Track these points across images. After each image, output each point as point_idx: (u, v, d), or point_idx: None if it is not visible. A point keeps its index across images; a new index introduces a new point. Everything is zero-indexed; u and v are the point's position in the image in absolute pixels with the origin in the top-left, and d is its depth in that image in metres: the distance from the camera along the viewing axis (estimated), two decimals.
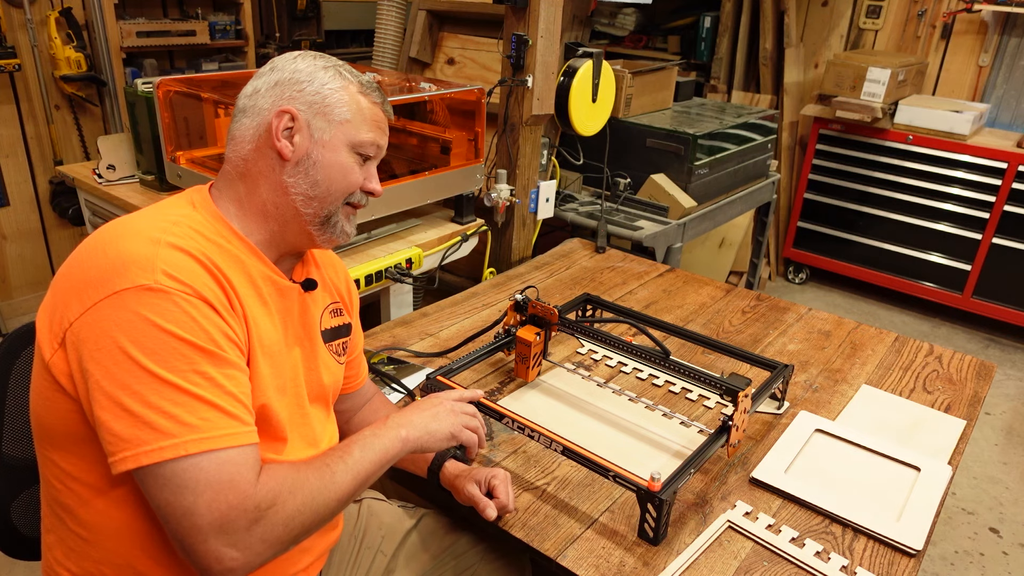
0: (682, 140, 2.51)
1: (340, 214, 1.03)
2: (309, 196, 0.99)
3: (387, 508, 1.27)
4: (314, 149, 0.98)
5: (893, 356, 1.75)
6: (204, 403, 0.82)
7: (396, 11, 2.65)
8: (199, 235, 0.92)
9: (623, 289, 2.03)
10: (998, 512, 2.43)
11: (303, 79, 0.98)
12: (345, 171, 1.00)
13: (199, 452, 0.80)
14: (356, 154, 1.01)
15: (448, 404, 1.09)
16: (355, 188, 1.02)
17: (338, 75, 1.00)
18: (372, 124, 1.02)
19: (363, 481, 0.94)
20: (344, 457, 0.93)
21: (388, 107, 1.06)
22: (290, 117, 0.97)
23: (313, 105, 0.98)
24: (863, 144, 3.65)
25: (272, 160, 0.98)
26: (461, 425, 1.08)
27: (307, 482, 0.88)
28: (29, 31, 2.90)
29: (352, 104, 0.99)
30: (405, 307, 2.01)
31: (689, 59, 4.26)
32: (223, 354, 0.85)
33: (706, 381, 1.34)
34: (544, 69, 2.06)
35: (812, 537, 1.15)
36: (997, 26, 3.58)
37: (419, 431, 1.03)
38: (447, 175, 2.03)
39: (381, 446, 0.97)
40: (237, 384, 0.86)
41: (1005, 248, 3.37)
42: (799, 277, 4.11)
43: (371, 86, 1.03)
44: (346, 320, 1.17)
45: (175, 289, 0.83)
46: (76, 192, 2.27)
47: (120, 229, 0.89)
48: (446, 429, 1.06)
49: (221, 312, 0.87)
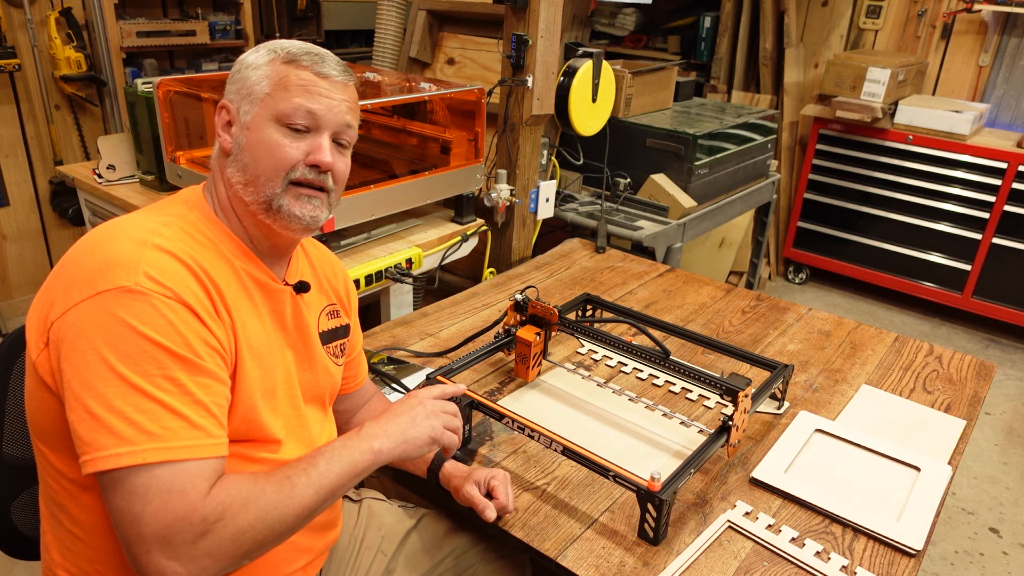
0: (682, 140, 2.51)
1: (284, 196, 0.95)
2: (243, 183, 0.95)
3: (387, 508, 1.27)
4: (242, 134, 0.95)
5: (893, 356, 1.75)
6: (169, 411, 0.80)
7: (396, 11, 2.65)
8: (190, 236, 0.91)
9: (623, 289, 2.03)
10: (998, 512, 2.43)
11: (235, 68, 0.97)
12: (270, 148, 0.93)
13: (156, 462, 0.78)
14: (285, 127, 0.94)
15: (428, 406, 1.03)
16: (288, 163, 0.94)
17: (267, 52, 0.96)
18: (298, 90, 0.93)
19: (327, 495, 0.90)
20: (308, 469, 0.89)
21: (330, 68, 0.96)
22: (225, 111, 0.96)
23: (241, 91, 0.95)
24: (863, 144, 3.65)
25: (222, 156, 0.98)
26: (441, 427, 1.02)
27: (263, 495, 0.84)
28: (29, 31, 2.90)
29: (273, 76, 0.94)
30: (405, 307, 2.01)
31: (689, 59, 4.26)
32: (199, 361, 0.83)
33: (706, 381, 1.33)
34: (544, 69, 2.06)
35: (812, 537, 1.15)
36: (997, 26, 3.58)
37: (394, 441, 0.97)
38: (447, 175, 2.03)
39: (349, 459, 0.92)
40: (209, 393, 0.84)
41: (1005, 248, 3.37)
42: (799, 277, 4.11)
43: (303, 51, 0.96)
44: (344, 321, 1.16)
45: (155, 291, 0.82)
46: (76, 192, 2.27)
47: (110, 230, 0.88)
48: (424, 434, 1.00)
49: (203, 317, 0.85)
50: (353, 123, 0.99)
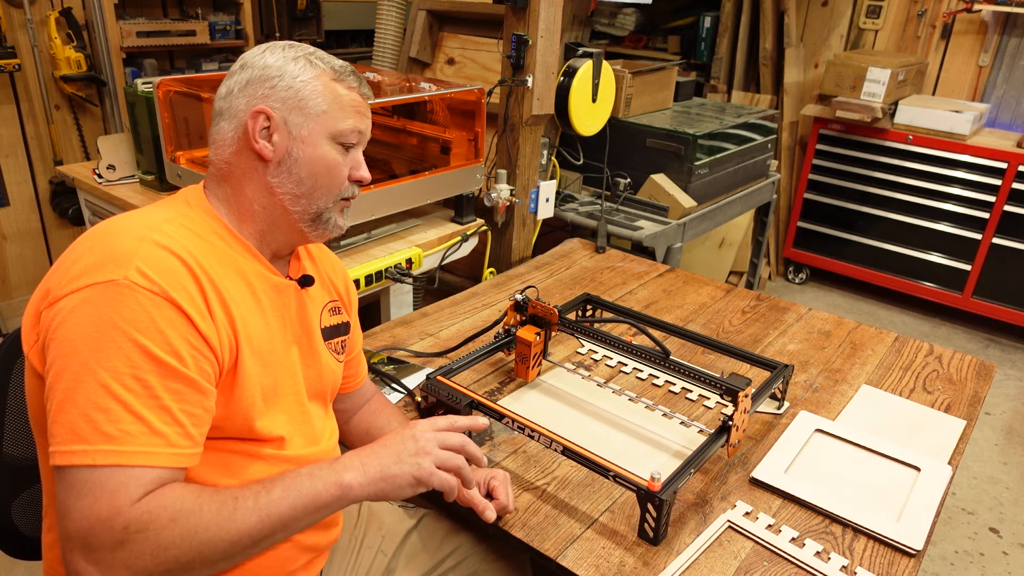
0: (682, 140, 2.51)
1: (333, 209, 1.01)
2: (296, 195, 0.97)
3: (388, 508, 1.27)
4: (294, 146, 0.96)
5: (893, 356, 1.75)
6: (131, 414, 0.78)
7: (396, 11, 2.65)
8: (192, 233, 0.91)
9: (623, 289, 2.03)
10: (998, 512, 2.43)
11: (273, 75, 0.95)
12: (329, 165, 0.98)
13: (105, 465, 0.77)
14: (338, 144, 0.98)
15: (420, 440, 0.92)
16: (343, 182, 1.00)
17: (309, 64, 0.97)
18: (351, 111, 0.98)
19: (274, 527, 0.83)
20: (259, 494, 0.83)
21: (366, 89, 1.02)
22: (265, 117, 0.95)
23: (287, 101, 0.95)
24: (863, 144, 3.65)
25: (253, 162, 0.96)
26: (431, 466, 0.90)
27: (197, 513, 0.79)
28: (29, 31, 2.90)
29: (327, 93, 0.96)
30: (405, 307, 2.01)
31: (689, 59, 4.26)
32: (176, 366, 0.82)
33: (706, 381, 1.34)
34: (544, 69, 2.06)
35: (812, 537, 1.15)
36: (997, 26, 3.58)
37: (370, 477, 0.88)
38: (447, 175, 2.03)
39: (310, 490, 0.85)
40: (180, 400, 0.82)
41: (1005, 248, 3.37)
42: (799, 277, 4.11)
43: (345, 70, 0.99)
44: (344, 319, 1.16)
45: (143, 287, 0.81)
46: (76, 192, 2.27)
47: (111, 226, 0.88)
48: (407, 473, 0.89)
49: (192, 317, 0.84)
50: None
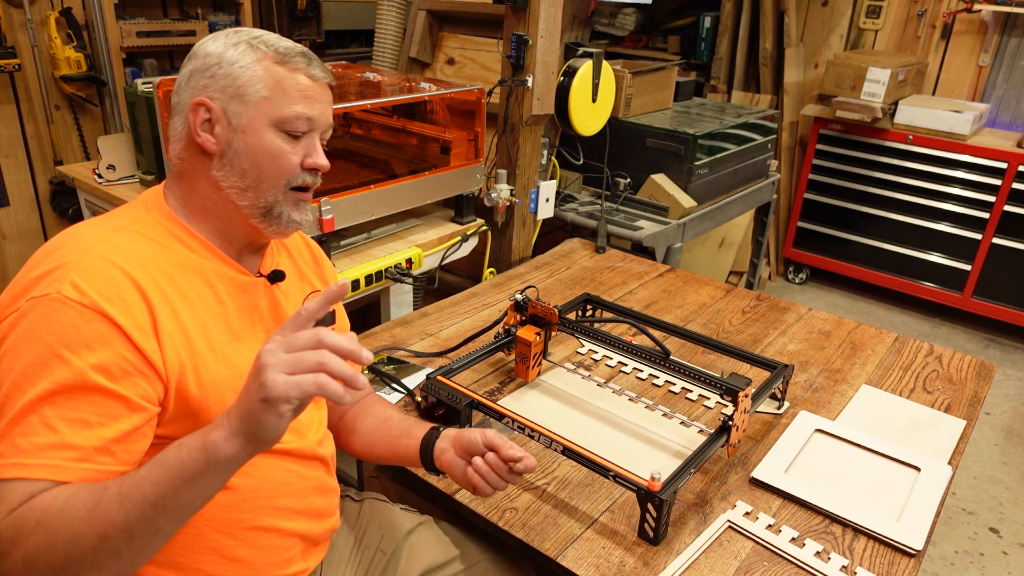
0: (682, 140, 2.51)
1: (284, 203, 0.95)
2: (241, 188, 0.93)
3: (389, 509, 1.26)
4: (235, 137, 0.92)
5: (893, 356, 1.75)
6: (46, 426, 0.77)
7: (396, 11, 2.65)
8: (146, 239, 0.90)
9: (623, 289, 2.03)
10: (998, 512, 2.43)
11: (213, 63, 0.91)
12: (274, 155, 0.92)
13: (9, 478, 0.75)
14: (284, 132, 0.93)
15: (263, 354, 0.72)
16: (291, 171, 0.94)
17: (250, 48, 0.91)
18: (297, 96, 0.92)
19: (142, 510, 0.73)
20: (126, 478, 0.76)
21: (318, 70, 0.95)
22: (205, 108, 0.91)
23: (226, 90, 0.91)
24: (863, 144, 3.65)
25: (200, 156, 0.94)
26: (280, 374, 0.70)
27: (63, 511, 0.73)
28: (29, 31, 2.90)
29: (268, 78, 0.91)
30: (405, 307, 2.01)
31: (689, 59, 4.26)
32: (102, 381, 0.79)
33: (706, 381, 1.34)
34: (544, 69, 2.06)
35: (812, 537, 1.15)
36: (997, 26, 3.58)
37: (233, 425, 0.73)
38: (447, 175, 2.03)
39: (175, 460, 0.74)
40: (103, 414, 0.79)
41: (1005, 248, 3.37)
42: (799, 277, 4.11)
43: (292, 52, 0.93)
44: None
45: (75, 301, 0.80)
46: (76, 192, 2.27)
47: (64, 239, 0.88)
48: (256, 400, 0.71)
49: (128, 332, 0.81)
50: (333, 123, 1.00)
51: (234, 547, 0.95)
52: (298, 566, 1.04)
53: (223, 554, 0.95)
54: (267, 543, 0.98)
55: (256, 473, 0.96)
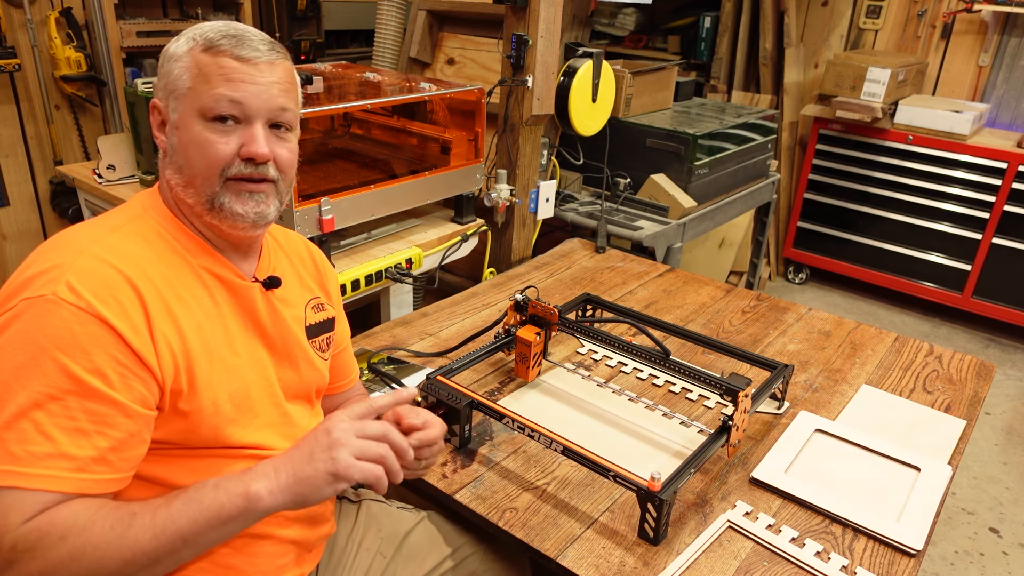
0: (682, 140, 2.51)
1: (225, 194, 0.90)
2: (182, 184, 0.91)
3: (386, 509, 1.27)
4: (173, 134, 0.91)
5: (893, 356, 1.75)
6: (41, 435, 0.76)
7: (396, 11, 2.65)
8: (141, 239, 0.89)
9: (623, 289, 2.03)
10: (998, 512, 2.43)
11: (163, 62, 0.91)
12: (201, 146, 0.88)
13: (5, 487, 0.75)
14: (211, 121, 0.88)
15: (334, 432, 0.82)
16: (221, 161, 0.89)
17: (185, 41, 0.89)
18: (218, 80, 0.87)
19: (174, 543, 0.77)
20: (159, 508, 0.79)
21: (248, 50, 0.88)
22: (157, 111, 0.92)
23: (166, 88, 0.90)
24: (863, 144, 3.65)
25: (162, 158, 0.94)
26: (348, 458, 0.80)
27: (89, 530, 0.75)
28: (29, 31, 2.90)
29: (192, 68, 0.88)
30: (405, 307, 2.01)
31: (689, 59, 4.26)
32: (98, 386, 0.79)
33: (706, 381, 1.34)
34: (544, 69, 2.06)
35: (812, 537, 1.15)
36: (997, 26, 3.58)
37: (283, 482, 0.80)
38: (447, 175, 2.03)
39: (214, 502, 0.79)
40: (100, 423, 0.79)
41: (1005, 248, 3.37)
42: (799, 277, 4.11)
43: (220, 34, 0.88)
44: (329, 315, 1.13)
45: (70, 303, 0.79)
46: (76, 192, 2.27)
47: (60, 240, 0.88)
48: (323, 471, 0.80)
49: (123, 334, 0.80)
50: (289, 104, 0.92)
51: (227, 554, 0.95)
52: (291, 573, 1.03)
53: (216, 562, 0.94)
54: (260, 550, 0.98)
55: None
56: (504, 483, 1.24)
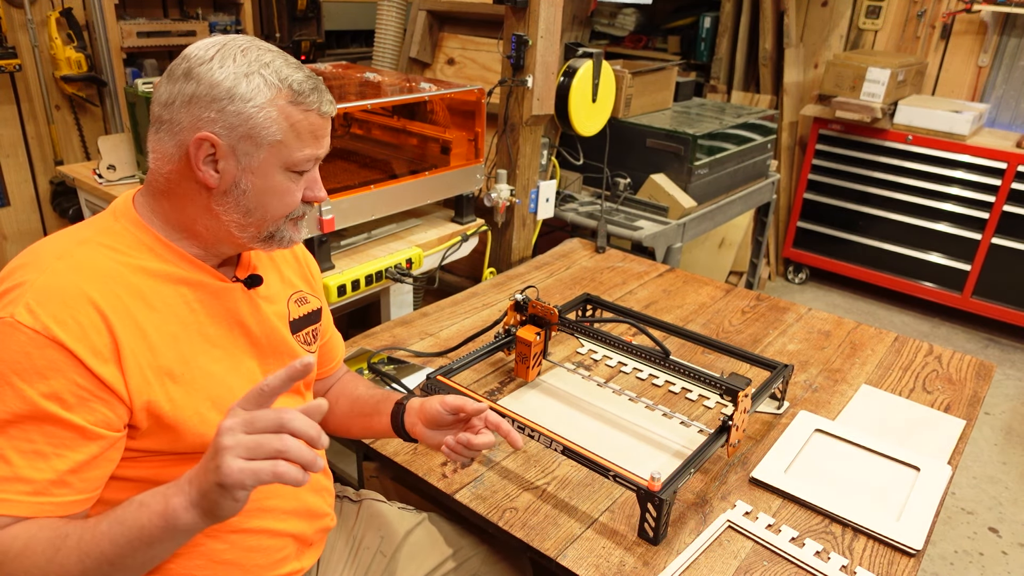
0: (682, 140, 2.51)
1: (285, 227, 0.95)
2: (243, 224, 0.91)
3: (387, 509, 1.27)
4: (243, 177, 0.88)
5: (893, 356, 1.75)
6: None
7: (396, 11, 2.65)
8: (111, 251, 0.87)
9: (623, 289, 2.04)
10: (998, 512, 2.43)
11: (222, 96, 0.85)
12: (281, 194, 0.91)
13: None
14: (292, 172, 0.91)
15: (222, 432, 0.72)
16: (295, 206, 0.93)
17: (264, 84, 0.86)
18: (308, 138, 0.90)
19: (100, 567, 0.75)
20: (86, 530, 0.76)
21: (328, 106, 0.92)
22: (210, 144, 0.86)
23: (236, 128, 0.86)
24: (863, 144, 3.65)
25: (196, 185, 0.89)
26: (237, 461, 0.70)
27: (22, 556, 0.75)
28: (29, 31, 2.90)
29: (282, 120, 0.87)
30: (405, 307, 2.01)
31: (689, 59, 4.26)
32: (55, 410, 0.78)
33: (706, 381, 1.34)
34: (544, 69, 2.06)
35: (812, 537, 1.15)
36: (996, 26, 3.59)
37: (193, 495, 0.74)
38: (447, 175, 2.03)
39: (135, 522, 0.75)
40: (60, 445, 0.78)
41: (1005, 248, 3.37)
42: (799, 277, 4.11)
43: (305, 87, 0.89)
44: (314, 307, 1.12)
45: (27, 327, 0.78)
46: (76, 192, 2.27)
47: (28, 255, 0.86)
48: (212, 483, 0.71)
49: (80, 355, 0.79)
50: None
51: (224, 551, 0.95)
52: (292, 566, 1.03)
53: (213, 558, 0.94)
54: (258, 545, 0.98)
55: None
56: (504, 483, 1.24)
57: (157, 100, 0.89)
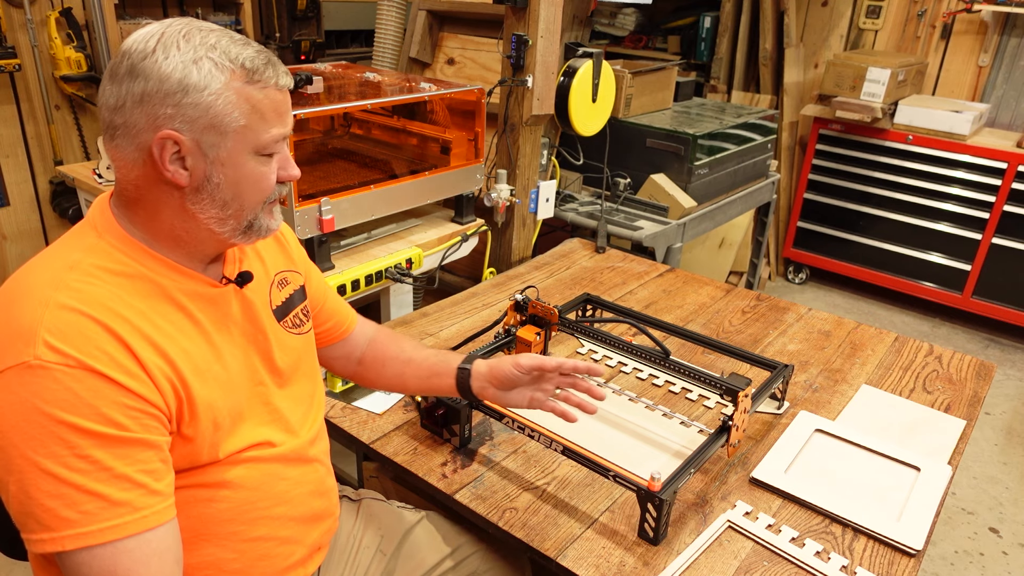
0: (682, 140, 2.51)
1: (261, 215, 0.92)
2: (222, 217, 0.88)
3: (386, 508, 1.27)
4: (213, 170, 0.85)
5: (893, 356, 1.75)
6: (85, 493, 0.76)
7: (396, 11, 2.65)
8: (106, 272, 0.84)
9: (623, 289, 2.03)
10: (998, 512, 2.43)
11: (174, 89, 0.81)
12: (256, 180, 0.88)
13: (77, 548, 0.76)
14: (262, 155, 0.88)
15: None
16: (270, 190, 0.91)
17: (215, 68, 0.82)
18: (272, 116, 0.86)
19: None
20: None
21: (284, 77, 0.88)
22: (173, 142, 0.82)
23: (197, 121, 0.82)
24: (863, 144, 3.65)
25: (167, 187, 0.85)
26: None
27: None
28: (29, 31, 2.90)
29: (243, 104, 0.83)
30: (405, 307, 2.01)
31: (689, 59, 4.26)
32: (115, 432, 0.78)
33: (706, 381, 1.34)
34: (544, 69, 2.06)
35: (812, 537, 1.15)
36: (997, 26, 3.58)
37: None
38: (447, 175, 2.03)
39: None
40: (133, 462, 0.79)
41: (1005, 248, 3.37)
42: (799, 277, 4.11)
43: (258, 63, 0.85)
44: (296, 285, 1.09)
45: (56, 364, 0.76)
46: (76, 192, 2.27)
47: (14, 290, 0.82)
48: None
49: (116, 379, 0.78)
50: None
51: (231, 560, 0.94)
52: (297, 573, 1.03)
53: (220, 568, 0.94)
54: (265, 552, 0.97)
55: (249, 484, 0.95)
56: (504, 483, 1.24)
57: (105, 105, 0.84)
